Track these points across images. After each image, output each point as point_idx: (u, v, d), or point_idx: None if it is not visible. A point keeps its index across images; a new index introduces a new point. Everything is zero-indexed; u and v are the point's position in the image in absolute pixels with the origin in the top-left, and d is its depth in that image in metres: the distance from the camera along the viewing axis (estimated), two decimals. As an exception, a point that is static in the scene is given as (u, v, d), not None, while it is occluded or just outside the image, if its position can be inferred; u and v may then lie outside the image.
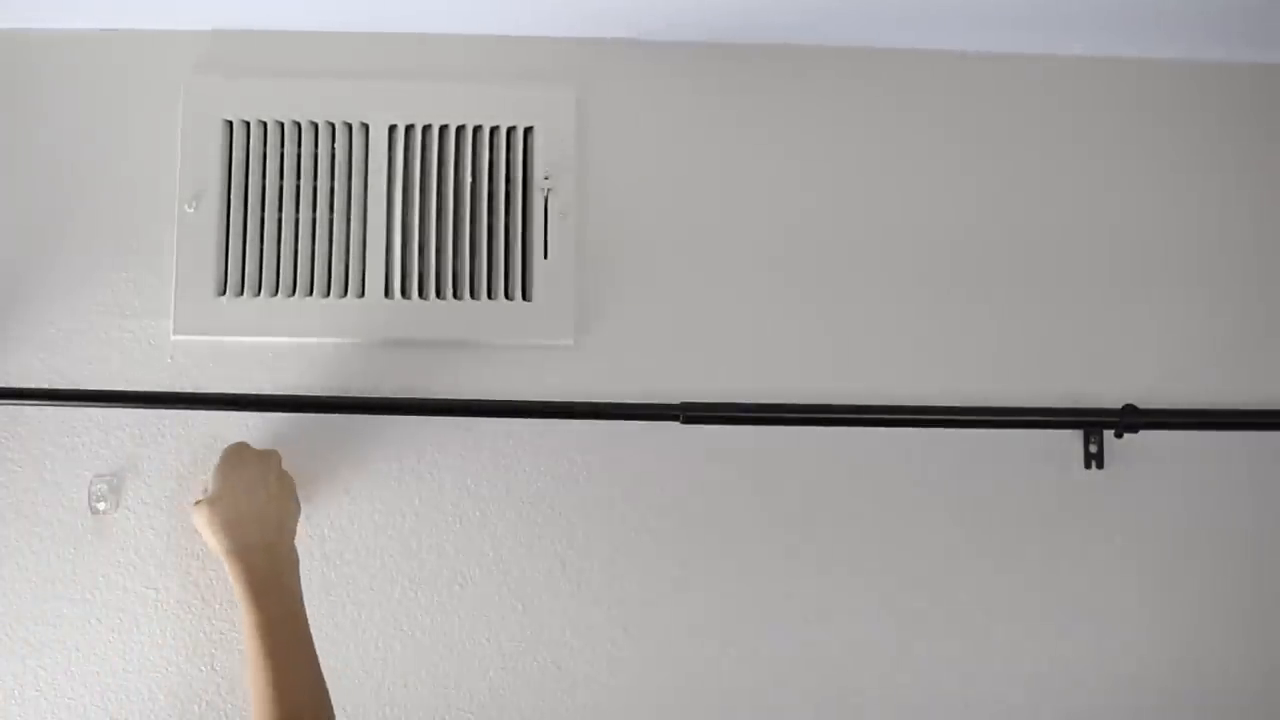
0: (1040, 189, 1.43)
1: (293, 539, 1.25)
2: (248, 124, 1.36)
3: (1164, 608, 1.37)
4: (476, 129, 1.37)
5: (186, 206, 1.34)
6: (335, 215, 1.36)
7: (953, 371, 1.38)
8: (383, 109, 1.36)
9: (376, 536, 1.33)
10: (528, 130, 1.37)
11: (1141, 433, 1.35)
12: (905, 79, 1.43)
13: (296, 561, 1.24)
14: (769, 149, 1.41)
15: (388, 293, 1.35)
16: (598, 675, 1.32)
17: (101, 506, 1.31)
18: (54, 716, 1.28)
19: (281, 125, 1.36)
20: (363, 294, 1.34)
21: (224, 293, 1.34)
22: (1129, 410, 1.35)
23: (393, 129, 1.36)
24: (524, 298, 1.35)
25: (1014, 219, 1.42)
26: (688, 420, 1.33)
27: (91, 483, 1.32)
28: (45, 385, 1.33)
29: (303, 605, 1.20)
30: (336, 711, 1.28)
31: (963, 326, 1.39)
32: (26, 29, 1.38)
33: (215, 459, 1.26)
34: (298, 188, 1.36)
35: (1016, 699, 1.35)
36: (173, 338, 1.34)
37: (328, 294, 1.34)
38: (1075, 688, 1.35)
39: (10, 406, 1.32)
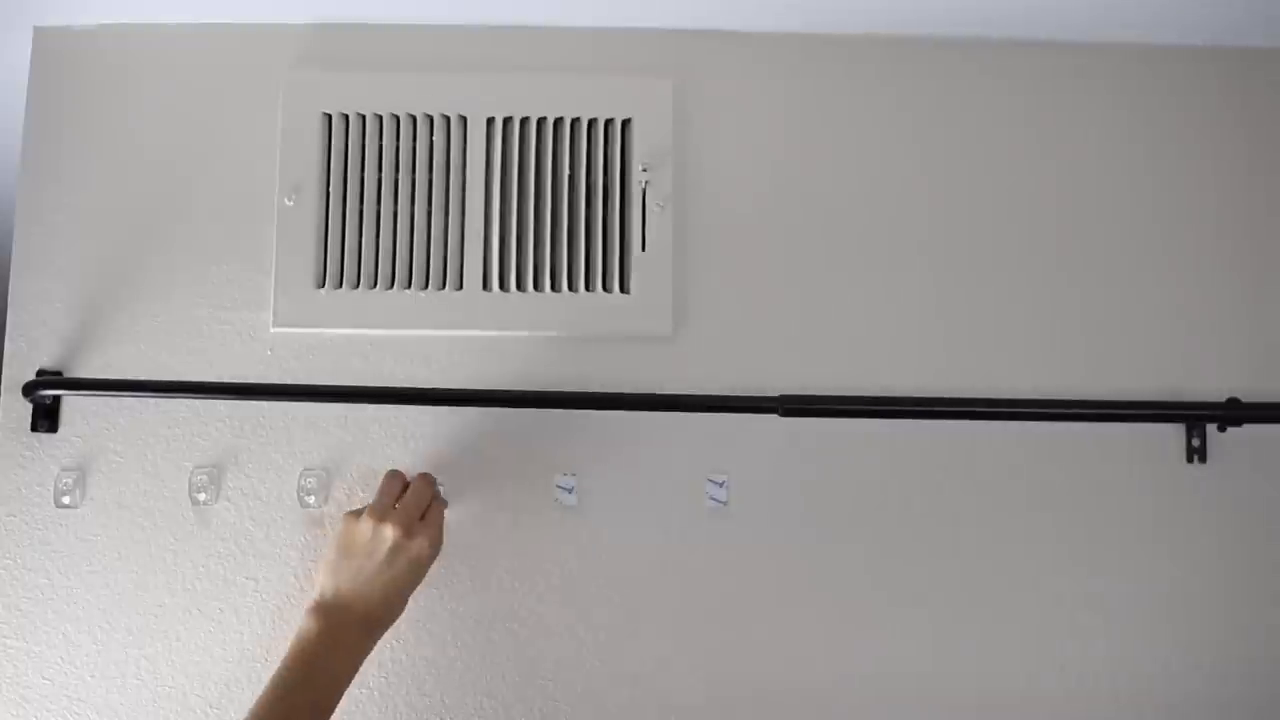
0: (1133, 181, 1.41)
1: (386, 626, 1.22)
2: (346, 117, 1.37)
3: (1268, 604, 1.35)
4: (574, 121, 1.37)
5: (286, 199, 1.35)
6: (434, 208, 1.36)
7: (1053, 365, 1.37)
8: (481, 101, 1.37)
9: (474, 528, 1.32)
10: (625, 122, 1.37)
11: (1245, 426, 1.34)
12: (1004, 69, 1.42)
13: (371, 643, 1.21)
14: (868, 140, 1.40)
15: (485, 285, 1.35)
16: (696, 670, 1.31)
17: (202, 497, 1.32)
18: (155, 705, 1.29)
19: (380, 118, 1.37)
20: (461, 287, 1.35)
21: (323, 285, 1.35)
22: (1232, 403, 1.34)
23: (490, 121, 1.37)
24: (622, 290, 1.35)
25: (1115, 211, 1.41)
26: (787, 413, 1.32)
27: (192, 474, 1.32)
28: (146, 377, 1.34)
29: (341, 690, 1.17)
30: (436, 703, 1.28)
31: (1063, 319, 1.38)
32: (127, 23, 1.39)
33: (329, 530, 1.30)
34: (396, 180, 1.37)
35: (1117, 696, 1.33)
36: (272, 330, 1.35)
37: (426, 286, 1.35)
38: (1177, 685, 1.33)
39: (111, 398, 1.33)
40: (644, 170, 1.36)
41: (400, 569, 1.21)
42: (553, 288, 1.35)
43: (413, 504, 1.24)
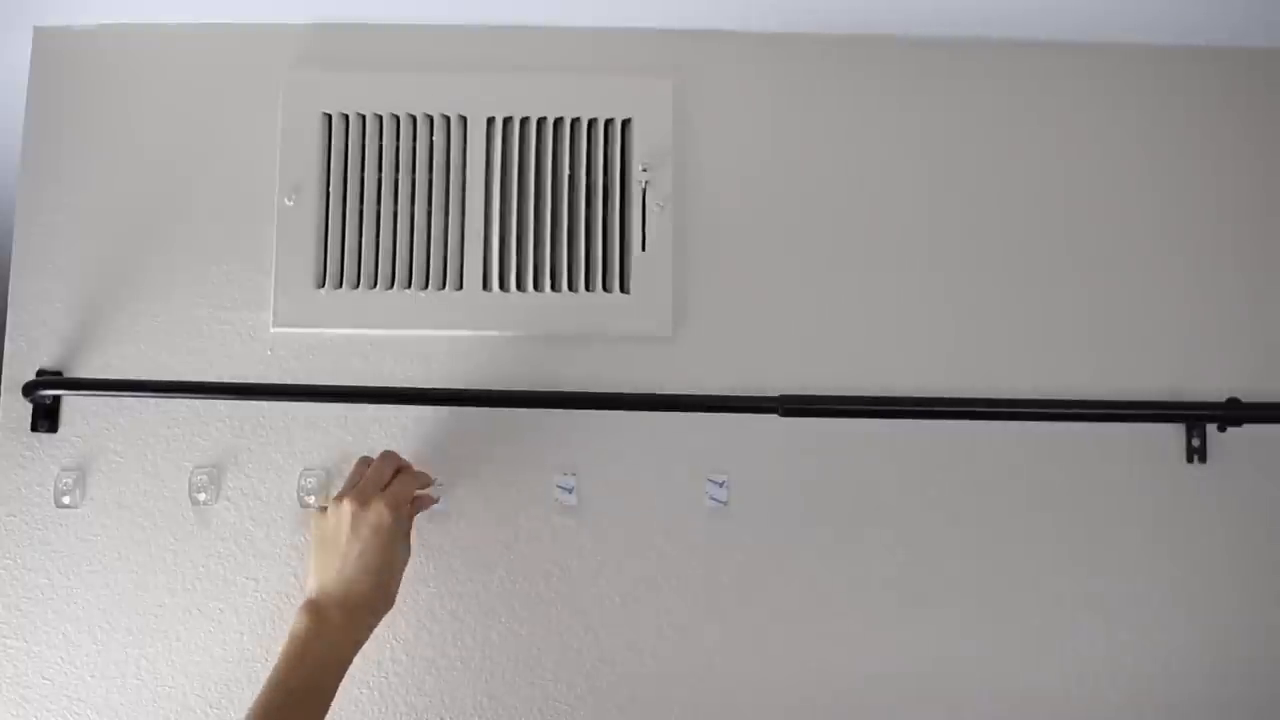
0: (1133, 181, 1.41)
1: (377, 603, 1.21)
2: (346, 117, 1.37)
3: (1268, 604, 1.35)
4: (574, 121, 1.37)
5: (286, 200, 1.35)
6: (433, 208, 1.36)
7: (1053, 365, 1.37)
8: (481, 102, 1.37)
9: (473, 527, 1.33)
10: (625, 122, 1.37)
11: (1245, 426, 1.34)
12: (1004, 69, 1.42)
13: (366, 634, 1.20)
14: (867, 140, 1.40)
15: (485, 285, 1.35)
16: (694, 670, 1.31)
17: (202, 497, 1.32)
18: (155, 705, 1.29)
19: (380, 118, 1.37)
20: (460, 286, 1.35)
21: (323, 285, 1.35)
22: (1232, 403, 1.34)
23: (491, 121, 1.37)
24: (622, 290, 1.35)
25: (1115, 211, 1.41)
26: (786, 413, 1.32)
27: (192, 474, 1.32)
28: (146, 377, 1.34)
29: (335, 677, 1.17)
30: (436, 703, 1.28)
31: (1064, 319, 1.38)
32: (127, 23, 1.39)
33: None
34: (396, 180, 1.37)
35: (1115, 697, 1.33)
36: (272, 330, 1.35)
37: (426, 286, 1.35)
38: (1177, 685, 1.33)
39: (112, 398, 1.33)
40: (644, 170, 1.36)
41: (366, 540, 1.19)
42: (553, 288, 1.35)
43: (369, 479, 1.23)
